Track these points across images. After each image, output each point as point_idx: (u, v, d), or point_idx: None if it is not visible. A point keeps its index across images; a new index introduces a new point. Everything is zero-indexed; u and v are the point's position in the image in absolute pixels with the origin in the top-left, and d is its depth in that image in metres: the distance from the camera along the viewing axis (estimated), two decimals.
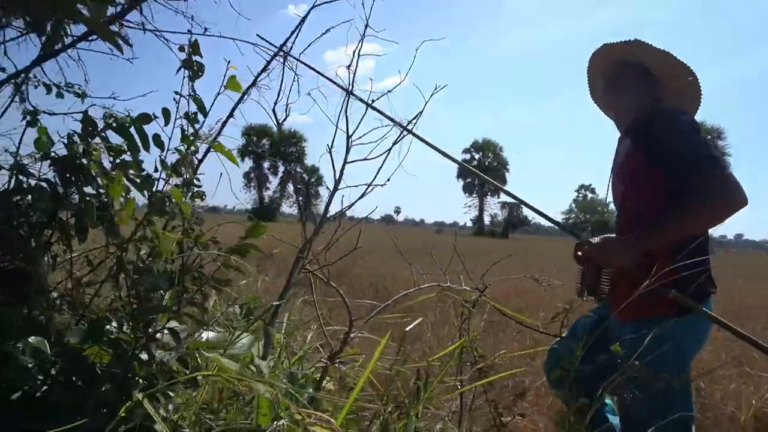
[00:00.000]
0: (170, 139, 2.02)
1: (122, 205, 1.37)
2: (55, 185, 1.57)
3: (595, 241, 1.94)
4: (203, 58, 2.17)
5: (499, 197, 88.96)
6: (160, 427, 1.11)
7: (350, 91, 1.92)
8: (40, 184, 1.91)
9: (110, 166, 1.92)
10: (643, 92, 2.01)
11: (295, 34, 1.98)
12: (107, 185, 1.80)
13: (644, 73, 2.02)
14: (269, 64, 1.99)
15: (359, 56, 1.89)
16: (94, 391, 1.26)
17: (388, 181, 1.86)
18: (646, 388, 1.66)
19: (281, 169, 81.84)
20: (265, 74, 2.10)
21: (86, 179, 1.88)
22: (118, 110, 1.98)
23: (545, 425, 2.92)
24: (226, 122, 2.30)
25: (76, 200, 1.87)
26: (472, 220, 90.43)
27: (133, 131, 2.09)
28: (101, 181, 1.83)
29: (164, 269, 2.06)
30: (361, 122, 1.91)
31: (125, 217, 1.35)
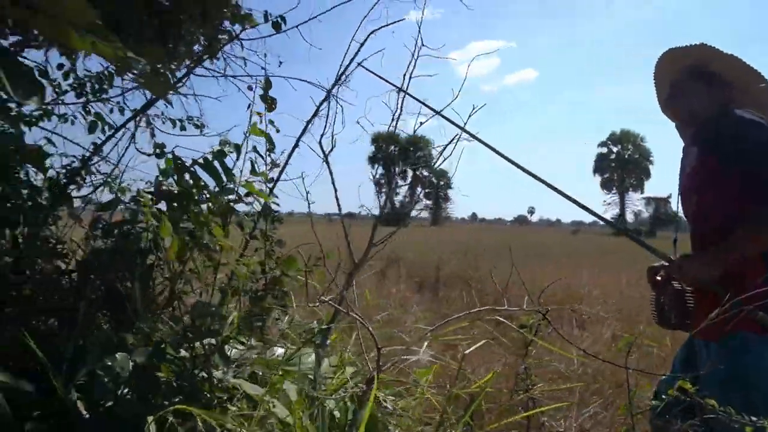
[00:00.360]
0: (241, 171, 2.24)
1: (171, 242, 1.55)
2: (161, 215, 1.78)
3: (674, 262, 1.78)
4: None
5: (642, 193, 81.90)
6: None
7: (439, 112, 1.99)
8: (154, 213, 2.18)
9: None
10: (709, 97, 1.84)
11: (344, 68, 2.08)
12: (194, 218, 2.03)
13: (710, 76, 1.84)
14: (324, 102, 2.12)
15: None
16: (160, 404, 1.45)
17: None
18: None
19: (410, 174, 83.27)
20: (324, 105, 2.25)
21: (185, 211, 2.14)
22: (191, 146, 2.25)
23: None
24: (292, 153, 2.48)
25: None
26: (613, 218, 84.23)
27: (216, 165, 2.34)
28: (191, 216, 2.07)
29: (249, 288, 2.26)
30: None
31: (171, 254, 1.52)
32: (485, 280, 9.88)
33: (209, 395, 1.43)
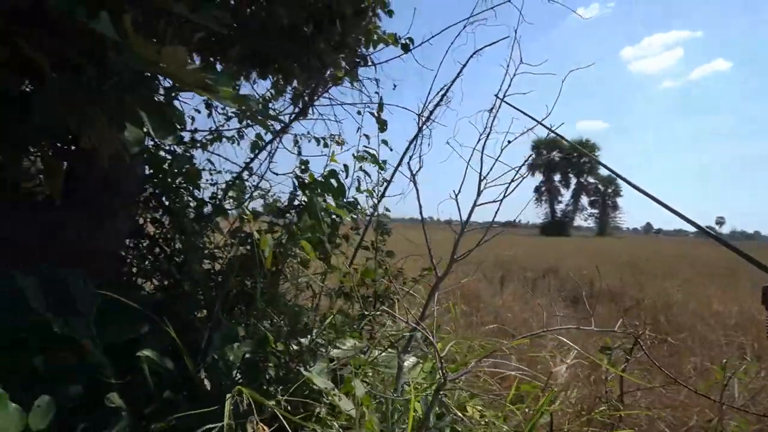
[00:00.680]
0: (349, 188, 2.47)
1: (268, 253, 1.80)
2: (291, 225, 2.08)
3: None
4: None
5: None
6: None
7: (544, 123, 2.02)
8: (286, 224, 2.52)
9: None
10: None
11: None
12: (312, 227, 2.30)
13: None
14: (422, 130, 2.24)
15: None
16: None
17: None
18: None
19: (573, 181, 78.73)
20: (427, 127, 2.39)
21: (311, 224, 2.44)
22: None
23: None
24: (397, 168, 2.64)
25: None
26: None
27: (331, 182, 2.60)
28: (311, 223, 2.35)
29: (360, 295, 2.48)
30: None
31: (268, 262, 1.78)
32: (647, 298, 9.07)
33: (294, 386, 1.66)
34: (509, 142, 1.88)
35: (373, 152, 2.53)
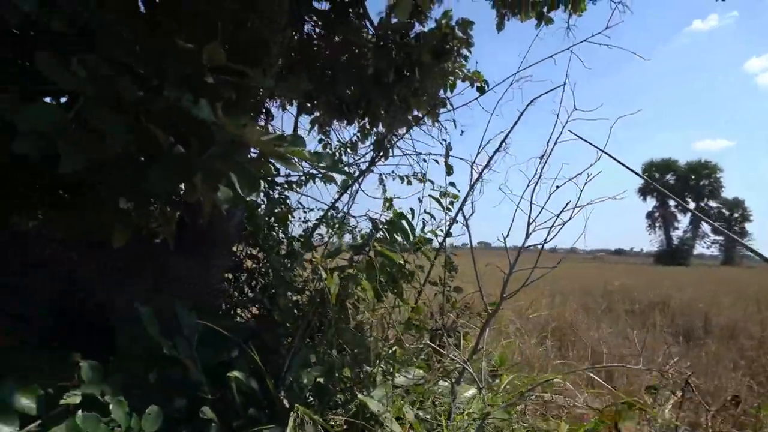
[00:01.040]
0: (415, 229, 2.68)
1: (333, 291, 2.04)
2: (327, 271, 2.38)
3: None
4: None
5: None
6: None
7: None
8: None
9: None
10: None
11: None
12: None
13: None
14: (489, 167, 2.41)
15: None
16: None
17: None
18: None
19: (692, 205, 72.47)
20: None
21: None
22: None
23: None
24: (460, 209, 2.80)
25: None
26: None
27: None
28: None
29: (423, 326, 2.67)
30: None
31: (332, 299, 2.02)
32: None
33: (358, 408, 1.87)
34: (557, 187, 2.00)
35: (455, 192, 2.75)
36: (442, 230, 2.78)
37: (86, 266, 2.28)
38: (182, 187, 1.92)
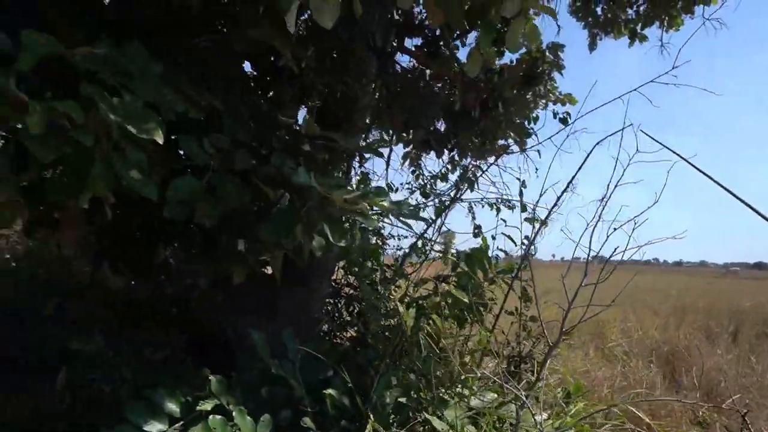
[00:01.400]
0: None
1: (408, 324, 2.34)
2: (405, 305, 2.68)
3: None
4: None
5: None
6: None
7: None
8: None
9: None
10: None
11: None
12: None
13: None
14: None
15: None
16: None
17: None
18: None
19: None
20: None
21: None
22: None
23: None
24: (531, 243, 2.97)
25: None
26: None
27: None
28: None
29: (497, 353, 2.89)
30: None
31: (408, 330, 2.31)
32: None
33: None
34: (615, 229, 2.15)
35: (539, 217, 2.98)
36: (516, 263, 2.98)
37: (213, 298, 2.81)
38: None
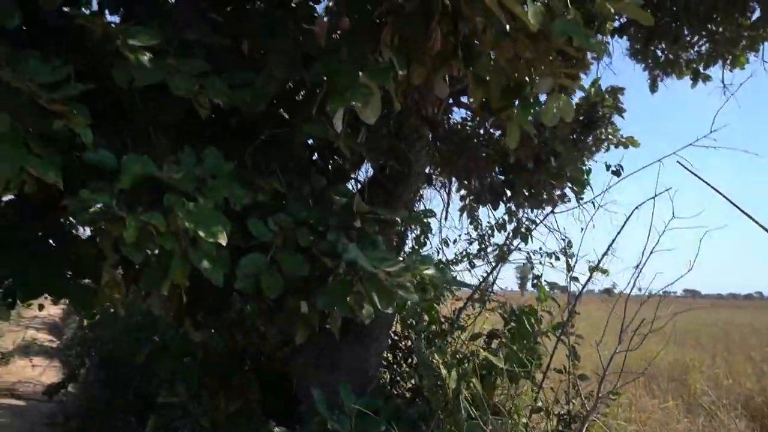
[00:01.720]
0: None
1: (448, 379, 2.52)
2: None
3: None
4: None
5: None
6: None
7: None
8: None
9: None
10: None
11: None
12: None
13: None
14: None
15: None
16: None
17: None
18: None
19: None
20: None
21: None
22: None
23: None
24: (576, 301, 3.07)
25: None
26: None
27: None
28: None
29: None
30: None
31: (450, 393, 2.50)
32: None
33: None
34: (648, 296, 2.25)
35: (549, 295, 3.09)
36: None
37: (281, 353, 3.15)
38: None
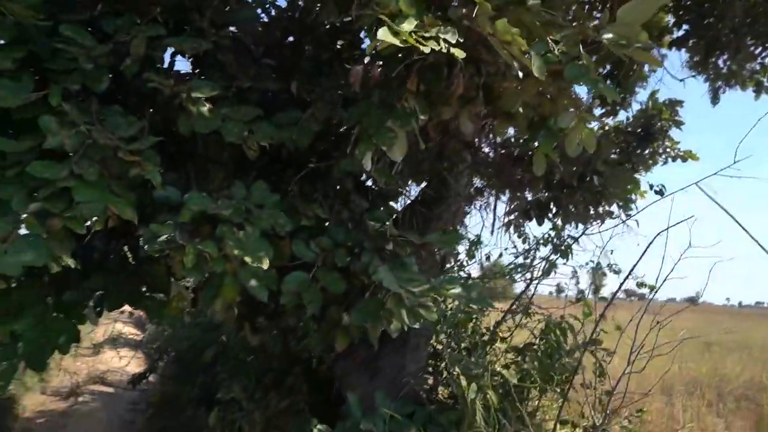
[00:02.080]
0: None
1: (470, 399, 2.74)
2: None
3: None
4: None
5: None
6: None
7: None
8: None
9: None
10: None
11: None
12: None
13: None
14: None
15: None
16: None
17: None
18: None
19: None
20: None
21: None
22: None
23: None
24: (601, 316, 3.17)
25: None
26: None
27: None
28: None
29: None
30: None
31: (470, 403, 2.71)
32: None
33: None
34: (658, 323, 2.37)
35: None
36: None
37: (327, 358, 3.49)
38: None
